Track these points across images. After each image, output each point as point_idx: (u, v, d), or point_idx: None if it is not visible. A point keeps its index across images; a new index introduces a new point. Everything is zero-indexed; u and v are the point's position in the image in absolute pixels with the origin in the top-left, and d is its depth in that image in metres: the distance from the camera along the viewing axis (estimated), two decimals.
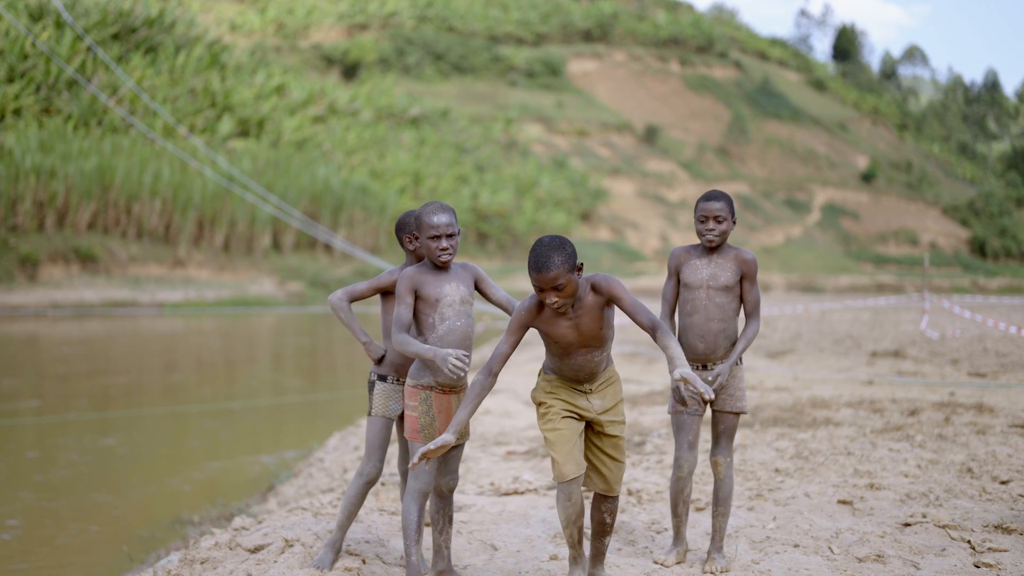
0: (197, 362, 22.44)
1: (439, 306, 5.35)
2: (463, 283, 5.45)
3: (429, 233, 5.33)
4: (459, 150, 75.11)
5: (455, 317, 5.36)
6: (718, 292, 5.92)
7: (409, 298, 5.36)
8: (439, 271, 5.42)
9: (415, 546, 5.37)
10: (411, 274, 5.38)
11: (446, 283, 5.39)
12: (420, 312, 5.38)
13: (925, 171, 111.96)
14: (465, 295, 5.43)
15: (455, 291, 5.39)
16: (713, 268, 5.95)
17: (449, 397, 5.39)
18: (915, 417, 10.66)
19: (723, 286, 5.92)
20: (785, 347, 20.40)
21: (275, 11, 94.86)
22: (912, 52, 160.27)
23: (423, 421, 5.35)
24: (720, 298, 5.92)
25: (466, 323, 5.39)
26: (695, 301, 5.93)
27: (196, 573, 5.93)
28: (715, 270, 5.94)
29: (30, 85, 47.82)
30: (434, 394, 5.36)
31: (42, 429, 13.59)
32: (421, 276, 5.38)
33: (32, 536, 8.77)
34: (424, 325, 5.37)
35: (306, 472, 10.20)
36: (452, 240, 5.35)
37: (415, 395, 5.37)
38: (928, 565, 5.89)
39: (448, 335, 5.34)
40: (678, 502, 6.05)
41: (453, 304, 5.37)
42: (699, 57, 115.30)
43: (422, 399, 5.36)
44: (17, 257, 38.32)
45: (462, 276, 5.47)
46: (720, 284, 5.92)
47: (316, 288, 45.74)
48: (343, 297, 5.80)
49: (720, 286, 5.92)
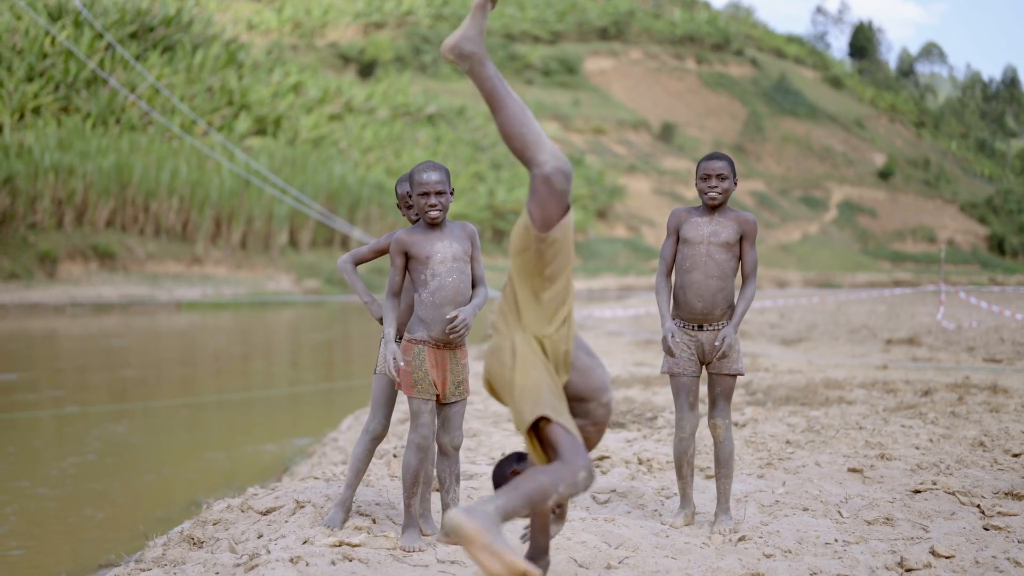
0: (214, 356, 22.52)
1: (430, 263, 5.42)
2: (457, 241, 5.50)
3: (419, 190, 5.41)
4: (475, 148, 75.12)
5: (446, 274, 5.42)
6: (718, 248, 5.94)
7: (399, 260, 5.48)
8: (431, 230, 5.50)
9: (413, 497, 5.45)
10: (401, 236, 5.49)
11: (438, 241, 5.46)
12: (413, 270, 5.47)
13: (943, 168, 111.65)
14: (458, 252, 5.48)
15: (447, 248, 5.45)
16: (715, 225, 5.97)
17: (444, 352, 5.48)
18: (928, 397, 10.66)
19: (723, 242, 5.94)
20: (800, 336, 20.37)
21: (292, 10, 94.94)
22: (930, 49, 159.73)
23: (417, 375, 5.44)
24: (720, 255, 5.94)
25: (458, 279, 5.45)
26: (695, 257, 5.95)
27: (208, 533, 5.99)
28: (716, 227, 5.97)
29: (49, 84, 48.05)
30: (427, 349, 5.45)
31: (61, 419, 13.68)
32: (412, 237, 5.47)
33: (52, 516, 8.86)
34: (417, 282, 5.48)
35: (320, 452, 10.24)
36: (442, 198, 5.42)
37: (409, 349, 5.46)
38: (937, 528, 5.92)
39: (439, 291, 5.41)
40: (682, 463, 6.08)
41: (445, 261, 5.43)
42: (715, 55, 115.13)
43: (415, 353, 5.45)
44: (36, 254, 38.51)
45: (457, 235, 5.53)
46: (721, 240, 5.94)
47: (333, 285, 45.79)
48: (348, 260, 6.03)
49: (721, 242, 5.94)
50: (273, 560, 5.02)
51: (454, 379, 5.52)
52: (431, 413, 5.48)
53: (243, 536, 5.77)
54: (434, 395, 5.48)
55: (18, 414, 13.80)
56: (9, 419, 13.11)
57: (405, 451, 5.48)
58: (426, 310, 5.43)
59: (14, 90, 46.43)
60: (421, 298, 5.45)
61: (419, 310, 5.46)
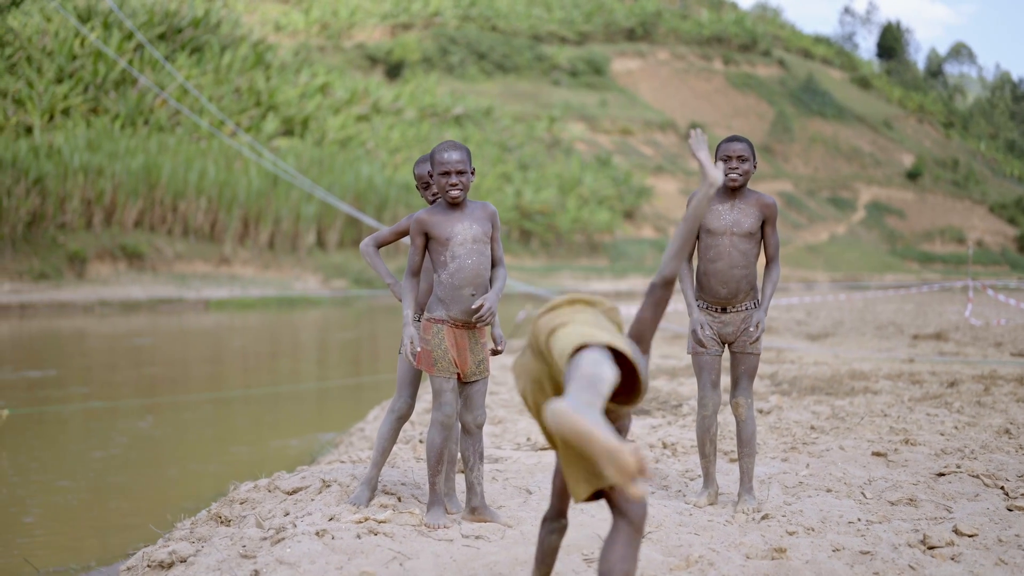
0: (241, 354, 22.62)
1: (450, 244, 5.44)
2: (477, 222, 5.52)
3: (440, 169, 5.42)
4: (502, 148, 75.11)
5: (466, 255, 5.44)
6: (742, 239, 5.96)
7: (419, 240, 5.51)
8: (452, 210, 5.51)
9: (437, 475, 5.49)
10: (421, 216, 5.51)
11: (458, 222, 5.48)
12: (433, 251, 5.49)
13: (972, 169, 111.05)
14: (478, 233, 5.49)
15: (467, 229, 5.47)
16: (736, 214, 5.98)
17: (463, 331, 5.51)
18: (954, 388, 10.63)
19: (746, 232, 5.96)
20: (826, 331, 20.33)
21: (319, 11, 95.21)
22: (959, 49, 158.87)
23: (436, 354, 5.47)
24: (743, 245, 5.96)
25: (478, 260, 5.47)
26: (718, 248, 5.97)
27: (235, 512, 6.04)
28: (738, 216, 5.97)
29: (78, 85, 48.33)
30: (446, 328, 5.49)
31: (88, 415, 13.78)
32: (432, 217, 5.49)
33: (79, 508, 8.96)
34: (436, 263, 5.50)
35: (346, 442, 10.30)
36: (463, 177, 5.43)
37: (429, 328, 5.50)
38: (961, 508, 5.92)
39: (459, 272, 5.44)
40: (705, 441, 6.11)
41: (465, 242, 5.45)
42: (742, 55, 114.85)
43: (435, 332, 5.48)
44: (66, 254, 38.71)
45: (478, 216, 5.54)
46: (744, 231, 5.96)
47: (360, 286, 45.88)
48: (370, 243, 6.09)
49: (744, 232, 5.96)
50: (299, 533, 5.07)
51: (474, 358, 5.55)
52: (453, 391, 5.51)
53: (270, 514, 5.83)
54: (455, 373, 5.51)
55: (47, 407, 13.92)
56: (38, 415, 13.21)
57: (429, 430, 5.52)
58: (445, 291, 5.46)
59: (44, 91, 46.73)
60: (440, 279, 5.48)
61: (438, 290, 5.50)
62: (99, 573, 7.01)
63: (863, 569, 4.85)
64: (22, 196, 37.78)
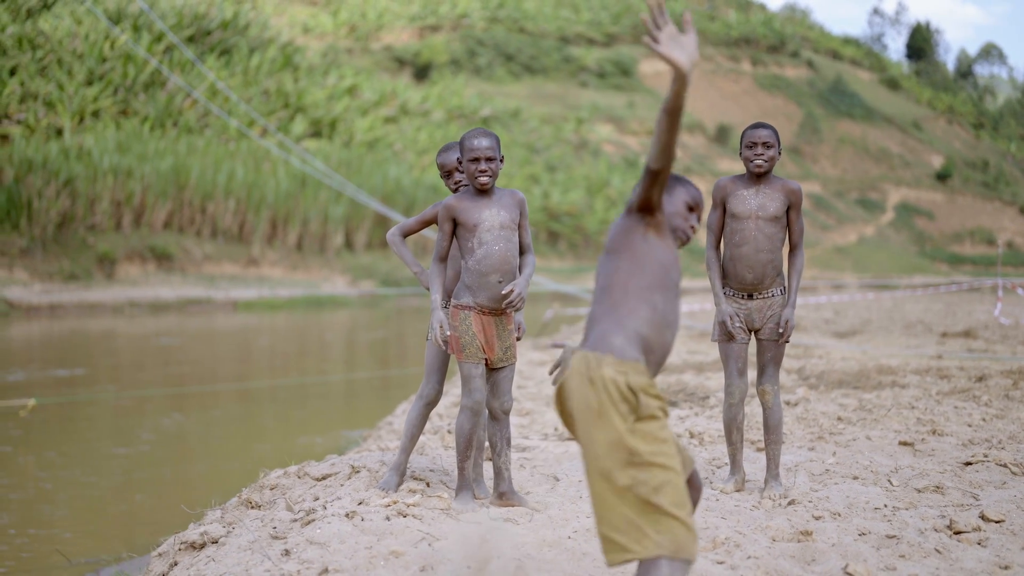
0: (269, 353, 22.74)
1: (477, 231, 5.47)
2: (505, 209, 5.55)
3: (469, 155, 5.46)
4: (530, 150, 75.15)
5: (493, 242, 5.47)
6: (767, 223, 5.99)
7: (447, 226, 5.54)
8: (480, 197, 5.54)
9: (466, 461, 5.54)
10: (449, 203, 5.54)
11: (485, 208, 5.51)
12: (460, 237, 5.52)
13: (1002, 170, 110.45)
14: (506, 220, 5.52)
15: (495, 216, 5.50)
16: (761, 198, 6.01)
17: (490, 318, 5.54)
18: (982, 382, 10.61)
19: (772, 216, 5.99)
20: (854, 329, 20.29)
21: (347, 13, 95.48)
22: (989, 50, 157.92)
23: (464, 340, 5.51)
24: (769, 228, 5.99)
25: (505, 247, 5.49)
26: (744, 232, 6.00)
27: (266, 498, 6.11)
28: (763, 200, 6.01)
29: (108, 87, 48.60)
30: (473, 314, 5.52)
31: (116, 412, 13.91)
32: (460, 203, 5.52)
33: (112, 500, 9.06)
34: (464, 249, 5.53)
35: (375, 435, 10.36)
36: (491, 164, 5.46)
37: (456, 315, 5.54)
38: (988, 496, 5.93)
39: (486, 259, 5.47)
40: (732, 429, 6.14)
41: (492, 229, 5.48)
42: (771, 57, 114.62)
43: (462, 319, 5.52)
44: (95, 255, 38.91)
45: (505, 202, 5.57)
46: (769, 215, 5.99)
47: (389, 287, 45.98)
48: (396, 232, 6.13)
49: (769, 216, 5.99)
50: (329, 515, 5.13)
51: (501, 344, 5.58)
52: (482, 377, 5.55)
53: (300, 498, 5.90)
54: (483, 359, 5.54)
55: (74, 397, 14.04)
56: (68, 413, 13.33)
57: (458, 415, 5.56)
58: (472, 277, 5.50)
59: (74, 94, 47.02)
60: (468, 265, 5.51)
61: (465, 277, 5.53)
62: (130, 563, 7.08)
63: (889, 552, 4.87)
64: (52, 198, 38.00)
